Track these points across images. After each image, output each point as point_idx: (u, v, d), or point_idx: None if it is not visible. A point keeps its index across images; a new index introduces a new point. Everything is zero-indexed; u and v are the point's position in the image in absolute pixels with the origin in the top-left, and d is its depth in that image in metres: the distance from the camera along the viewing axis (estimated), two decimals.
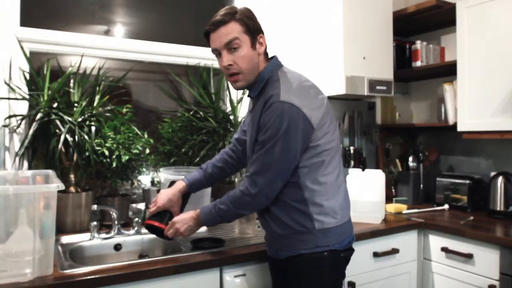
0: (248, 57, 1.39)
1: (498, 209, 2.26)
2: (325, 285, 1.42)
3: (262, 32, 1.45)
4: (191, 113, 2.33)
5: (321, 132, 1.39)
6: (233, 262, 1.58)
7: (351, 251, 1.50)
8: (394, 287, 2.07)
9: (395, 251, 2.05)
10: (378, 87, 2.45)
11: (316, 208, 1.39)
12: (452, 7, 2.41)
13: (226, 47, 1.39)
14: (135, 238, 1.86)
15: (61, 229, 1.81)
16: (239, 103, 2.42)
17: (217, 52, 1.43)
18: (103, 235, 1.80)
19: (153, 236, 1.88)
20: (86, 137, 1.88)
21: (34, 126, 1.86)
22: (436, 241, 2.14)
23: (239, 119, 2.37)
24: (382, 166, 2.85)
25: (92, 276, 1.33)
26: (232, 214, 1.46)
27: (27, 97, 1.96)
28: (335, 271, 1.46)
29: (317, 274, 1.40)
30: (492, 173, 2.38)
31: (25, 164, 1.91)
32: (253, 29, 1.40)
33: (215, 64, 2.45)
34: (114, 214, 1.82)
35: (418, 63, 2.75)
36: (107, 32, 2.31)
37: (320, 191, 1.40)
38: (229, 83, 1.54)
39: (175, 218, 1.55)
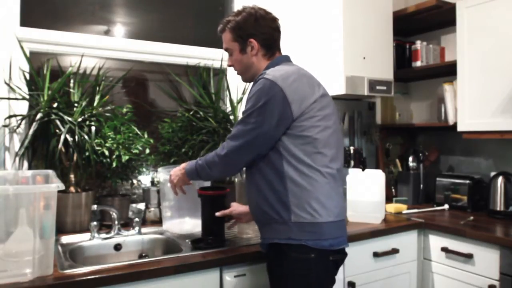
0: (238, 61, 1.58)
1: (498, 209, 2.26)
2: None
3: (254, 36, 1.53)
4: (191, 113, 2.33)
5: (309, 123, 1.41)
6: (233, 262, 1.58)
7: (342, 255, 1.48)
8: (394, 287, 2.07)
9: (395, 251, 2.05)
10: (378, 87, 2.45)
11: (295, 200, 1.39)
12: (452, 7, 2.41)
13: (226, 51, 1.61)
14: (135, 238, 1.86)
15: (61, 229, 1.81)
16: (239, 103, 2.42)
17: None
18: (103, 235, 1.80)
19: (153, 236, 1.90)
20: (86, 137, 1.88)
21: (34, 126, 1.86)
22: (436, 241, 2.14)
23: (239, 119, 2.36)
24: (382, 166, 2.85)
25: (92, 276, 1.33)
26: (204, 171, 1.56)
27: (27, 97, 1.96)
28: (323, 275, 1.42)
29: (302, 276, 1.39)
30: (492, 173, 2.38)
31: (25, 164, 1.91)
32: (242, 36, 1.54)
33: (215, 64, 2.48)
34: (114, 214, 1.82)
35: (418, 63, 2.75)
36: (107, 32, 2.32)
37: (302, 184, 1.39)
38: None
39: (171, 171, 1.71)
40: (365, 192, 2.10)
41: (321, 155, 1.42)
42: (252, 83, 1.53)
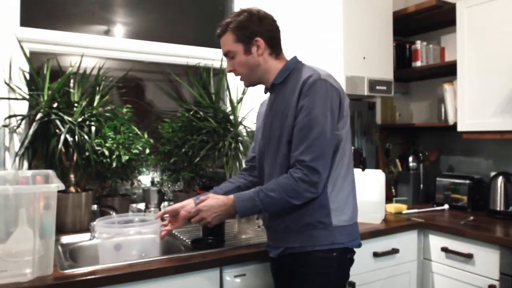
0: (242, 63, 1.48)
1: (498, 209, 2.26)
2: (332, 286, 1.42)
3: (260, 34, 1.47)
4: (191, 113, 2.33)
5: (345, 123, 1.44)
6: (233, 262, 1.58)
7: (354, 252, 1.50)
8: (394, 287, 2.07)
9: (395, 251, 2.05)
10: (378, 87, 2.45)
11: (335, 204, 1.40)
12: (452, 7, 2.41)
13: (225, 56, 1.53)
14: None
15: (61, 229, 1.81)
16: (239, 103, 2.42)
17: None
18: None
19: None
20: (86, 137, 1.88)
21: (34, 126, 1.86)
22: (436, 241, 2.14)
23: (239, 119, 2.37)
24: (382, 166, 2.85)
25: (92, 276, 1.33)
26: (281, 203, 1.36)
27: (27, 97, 1.96)
28: (343, 272, 1.46)
29: (326, 274, 1.40)
30: (492, 173, 2.38)
31: (25, 164, 1.91)
32: (246, 35, 1.46)
33: (215, 64, 2.48)
34: (114, 214, 1.82)
35: (418, 63, 2.75)
36: (107, 32, 2.32)
37: (341, 187, 1.41)
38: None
39: (201, 205, 1.45)
40: (365, 192, 2.10)
41: (349, 156, 1.47)
42: (299, 89, 1.39)
